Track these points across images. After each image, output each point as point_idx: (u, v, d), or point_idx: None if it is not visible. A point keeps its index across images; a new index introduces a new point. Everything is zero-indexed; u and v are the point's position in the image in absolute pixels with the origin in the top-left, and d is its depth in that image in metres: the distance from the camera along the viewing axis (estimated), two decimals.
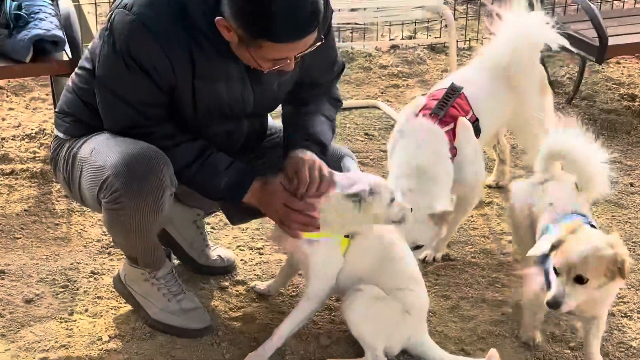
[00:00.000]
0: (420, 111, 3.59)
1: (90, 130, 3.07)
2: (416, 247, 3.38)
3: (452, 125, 3.56)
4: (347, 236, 3.04)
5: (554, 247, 2.90)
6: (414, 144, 3.50)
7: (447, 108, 3.56)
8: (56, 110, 3.21)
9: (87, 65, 3.07)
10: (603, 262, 2.81)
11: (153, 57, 2.82)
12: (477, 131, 3.67)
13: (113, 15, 2.86)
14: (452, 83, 3.68)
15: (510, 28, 3.84)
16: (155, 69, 2.83)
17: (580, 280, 2.81)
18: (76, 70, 3.15)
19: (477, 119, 3.66)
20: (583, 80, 5.44)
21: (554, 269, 2.86)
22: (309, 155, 2.99)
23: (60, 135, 3.15)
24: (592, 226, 3.07)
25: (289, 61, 2.82)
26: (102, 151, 2.95)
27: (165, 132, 2.96)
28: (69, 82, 3.17)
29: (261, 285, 3.48)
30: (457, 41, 5.65)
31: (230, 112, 3.02)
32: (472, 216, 4.13)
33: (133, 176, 2.87)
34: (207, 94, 2.93)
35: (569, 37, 5.01)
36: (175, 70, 2.85)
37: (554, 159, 3.39)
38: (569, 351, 3.21)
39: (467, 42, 6.27)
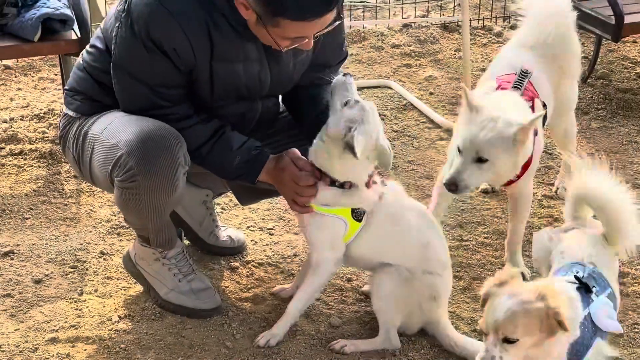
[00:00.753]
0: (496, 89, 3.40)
1: (102, 109, 3.05)
2: (478, 160, 3.06)
3: (530, 104, 3.35)
4: (358, 220, 3.00)
5: (484, 301, 2.53)
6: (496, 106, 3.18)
7: (523, 89, 3.34)
8: (66, 88, 3.19)
9: (99, 45, 3.05)
10: (533, 317, 2.43)
11: (173, 38, 2.80)
12: (545, 118, 3.43)
13: None
14: (522, 66, 3.41)
15: (542, 3, 3.72)
16: (175, 50, 2.81)
17: (509, 340, 2.44)
18: (87, 48, 3.13)
19: (545, 105, 3.43)
20: (599, 59, 5.38)
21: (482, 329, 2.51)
22: None
23: (71, 113, 3.12)
24: (577, 279, 2.65)
25: (307, 40, 2.80)
26: (114, 130, 2.94)
27: (181, 113, 2.94)
28: (80, 60, 3.15)
29: (284, 289, 3.36)
30: (470, 20, 5.61)
31: (247, 93, 3.01)
32: (485, 197, 4.09)
33: (147, 155, 2.85)
34: (224, 76, 2.92)
35: (584, 14, 4.97)
36: (195, 52, 2.83)
37: (583, 204, 2.91)
38: None
39: (481, 21, 6.21)
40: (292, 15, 2.68)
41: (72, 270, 3.45)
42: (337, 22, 2.83)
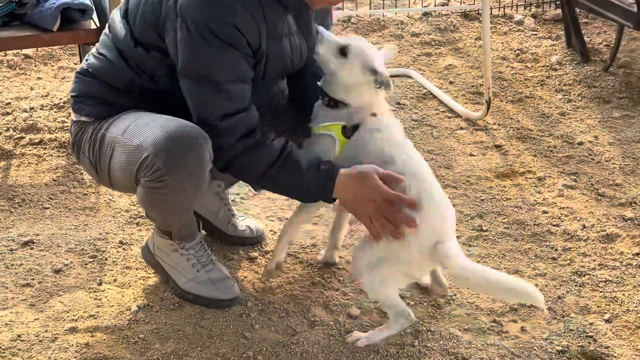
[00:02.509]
0: None
1: (116, 110, 3.04)
2: None
3: None
4: (347, 136, 2.98)
5: None
6: None
7: None
8: (72, 94, 3.13)
9: (108, 54, 3.04)
10: None
11: (237, 21, 2.78)
12: None
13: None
14: None
15: None
16: (240, 31, 2.79)
17: None
18: (94, 53, 3.10)
19: None
20: (620, 48, 5.33)
21: None
22: None
23: (83, 118, 3.09)
24: None
25: None
26: (135, 131, 2.92)
27: (253, 122, 2.91)
28: (83, 65, 3.12)
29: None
30: (491, 8, 5.57)
31: (290, 68, 3.03)
32: (505, 186, 4.07)
33: (174, 154, 2.84)
34: (276, 53, 2.92)
35: (606, 2, 4.93)
36: (260, 31, 2.84)
37: None
38: (603, 323, 3.15)
39: (502, 9, 6.17)
40: None
41: (91, 260, 3.46)
42: None
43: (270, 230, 3.67)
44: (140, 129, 2.91)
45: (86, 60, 3.13)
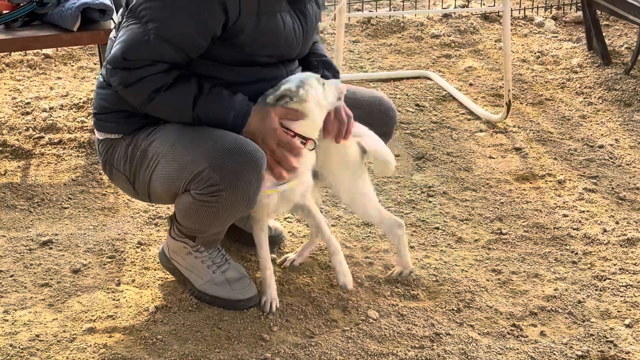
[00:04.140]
0: None
1: (141, 120, 3.02)
2: None
3: None
4: None
5: None
6: None
7: None
8: (95, 111, 3.12)
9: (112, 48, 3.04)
10: None
11: None
12: None
13: None
14: None
15: None
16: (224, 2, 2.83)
17: None
18: (104, 66, 3.10)
19: None
20: None
21: None
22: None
23: (111, 135, 3.09)
24: None
25: None
26: (188, 145, 2.91)
27: (161, 69, 2.92)
28: (100, 78, 3.11)
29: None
30: (511, 10, 5.55)
31: (285, 46, 3.02)
32: (524, 189, 4.05)
33: (233, 170, 2.84)
34: (269, 25, 2.93)
35: (628, 4, 4.90)
36: (242, 4, 2.86)
37: None
38: (623, 328, 3.12)
39: (522, 11, 6.15)
40: None
41: (109, 260, 3.46)
42: None
43: (289, 232, 3.66)
44: (192, 143, 2.90)
45: (100, 74, 3.13)
